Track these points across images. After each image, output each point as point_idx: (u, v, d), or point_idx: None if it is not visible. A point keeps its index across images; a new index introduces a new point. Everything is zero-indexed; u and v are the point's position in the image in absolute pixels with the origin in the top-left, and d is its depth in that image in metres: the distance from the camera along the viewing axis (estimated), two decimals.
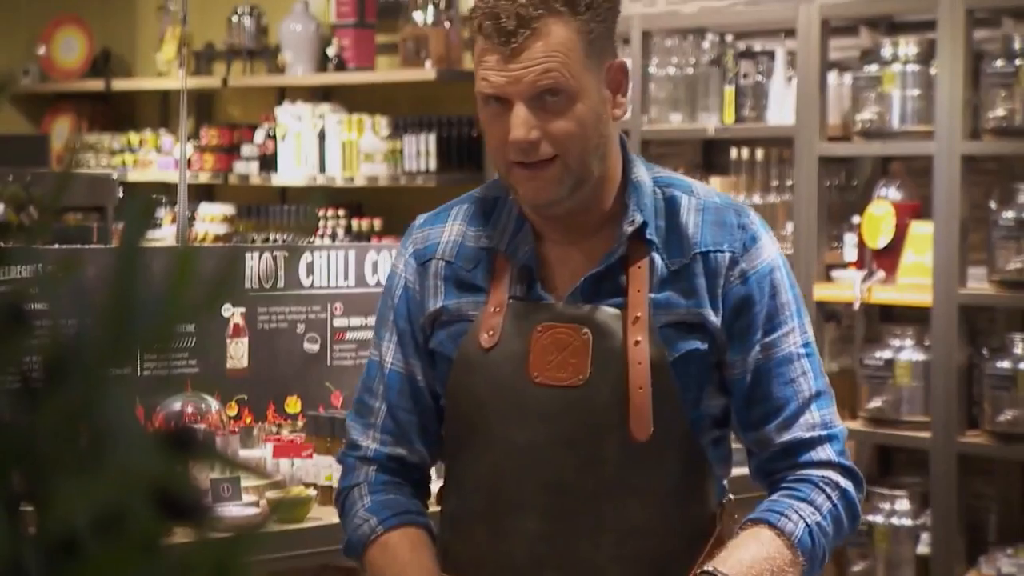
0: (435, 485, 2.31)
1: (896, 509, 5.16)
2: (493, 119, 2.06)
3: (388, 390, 2.20)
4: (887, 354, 5.15)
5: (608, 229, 2.12)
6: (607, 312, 2.08)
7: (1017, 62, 4.78)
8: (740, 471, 2.25)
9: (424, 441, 2.22)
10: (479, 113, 2.10)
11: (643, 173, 2.15)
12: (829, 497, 2.09)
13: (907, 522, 5.11)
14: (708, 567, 2.02)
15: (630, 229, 2.09)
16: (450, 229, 2.19)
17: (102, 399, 0.60)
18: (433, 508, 2.28)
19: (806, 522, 2.06)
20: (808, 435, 2.10)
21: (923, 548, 5.06)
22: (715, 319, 2.08)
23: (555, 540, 2.07)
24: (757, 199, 5.42)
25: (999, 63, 4.82)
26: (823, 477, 2.09)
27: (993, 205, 4.93)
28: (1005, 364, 4.89)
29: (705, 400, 2.11)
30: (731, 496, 2.19)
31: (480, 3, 2.06)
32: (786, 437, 2.10)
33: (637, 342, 2.05)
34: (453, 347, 2.13)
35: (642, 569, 2.09)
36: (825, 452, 2.10)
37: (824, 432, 2.11)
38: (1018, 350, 4.91)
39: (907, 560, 5.09)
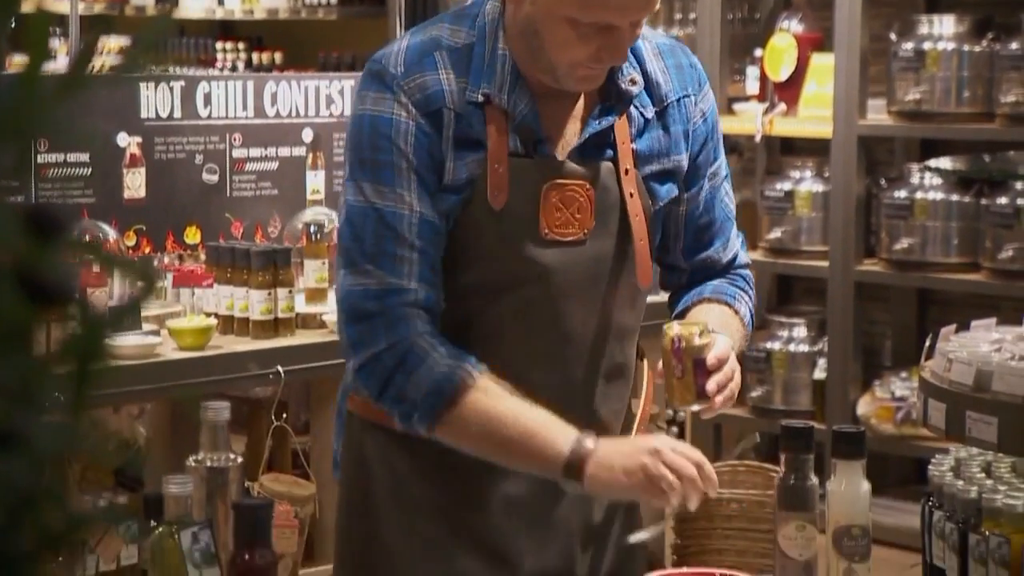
0: None
1: (794, 336, 5.26)
2: (581, 38, 2.00)
3: (420, 239, 2.06)
4: (787, 185, 5.20)
5: None
6: (605, 167, 2.12)
7: None
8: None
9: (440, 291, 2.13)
10: (553, 29, 2.01)
11: None
12: (748, 291, 2.29)
13: (804, 348, 5.22)
14: (706, 327, 2.08)
15: (634, 89, 2.11)
16: (447, 78, 2.08)
17: None
18: None
19: (749, 307, 2.26)
20: (739, 245, 2.28)
21: (820, 373, 5.17)
22: (686, 163, 2.17)
23: (558, 389, 2.09)
24: (660, 33, 5.40)
25: None
26: (747, 277, 2.28)
27: (893, 37, 4.95)
28: (902, 193, 4.96)
29: (658, 240, 2.22)
30: None
31: None
32: (729, 255, 2.26)
33: (631, 194, 2.11)
34: (461, 207, 2.08)
35: (618, 406, 2.19)
36: (745, 255, 2.31)
37: (742, 238, 2.30)
38: (915, 180, 4.98)
39: (804, 385, 5.20)
